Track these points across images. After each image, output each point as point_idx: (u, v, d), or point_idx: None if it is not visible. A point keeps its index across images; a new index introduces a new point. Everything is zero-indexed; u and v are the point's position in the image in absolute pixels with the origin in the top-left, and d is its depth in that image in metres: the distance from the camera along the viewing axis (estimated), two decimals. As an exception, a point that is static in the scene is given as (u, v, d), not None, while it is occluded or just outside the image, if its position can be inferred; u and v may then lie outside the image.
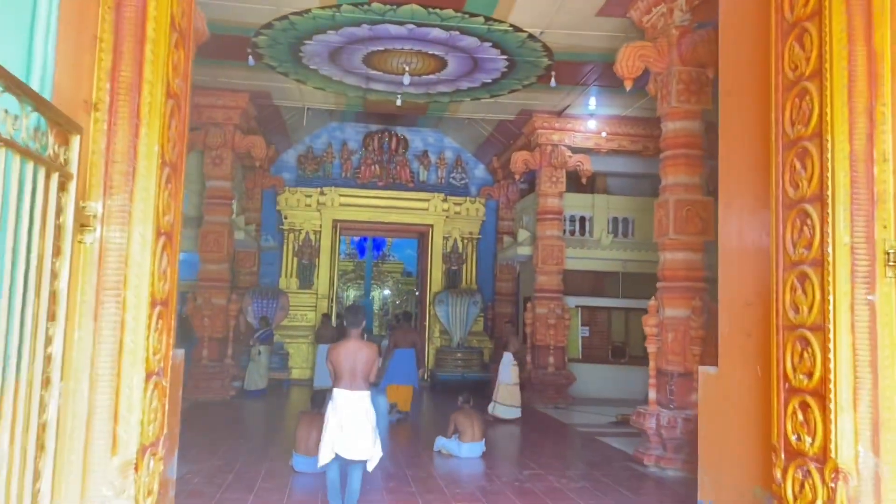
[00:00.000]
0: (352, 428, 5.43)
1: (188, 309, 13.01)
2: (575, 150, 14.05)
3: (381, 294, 29.50)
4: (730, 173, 4.90)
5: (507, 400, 11.72)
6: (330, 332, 15.34)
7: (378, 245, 29.34)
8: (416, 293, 26.25)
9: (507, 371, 11.80)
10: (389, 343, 12.08)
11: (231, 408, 12.44)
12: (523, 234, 15.66)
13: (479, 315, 16.88)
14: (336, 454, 5.48)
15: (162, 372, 3.34)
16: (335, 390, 5.58)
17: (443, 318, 16.51)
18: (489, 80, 11.87)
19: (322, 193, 16.95)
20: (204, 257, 13.14)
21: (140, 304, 3.07)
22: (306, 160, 17.57)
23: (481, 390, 15.46)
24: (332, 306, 16.97)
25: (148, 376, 3.15)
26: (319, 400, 7.62)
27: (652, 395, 8.36)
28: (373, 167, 17.63)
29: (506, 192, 17.52)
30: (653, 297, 8.52)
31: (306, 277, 16.93)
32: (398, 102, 12.72)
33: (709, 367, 5.13)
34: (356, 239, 29.17)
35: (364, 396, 5.57)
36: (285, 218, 17.03)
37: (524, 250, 15.35)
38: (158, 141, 3.14)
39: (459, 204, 17.44)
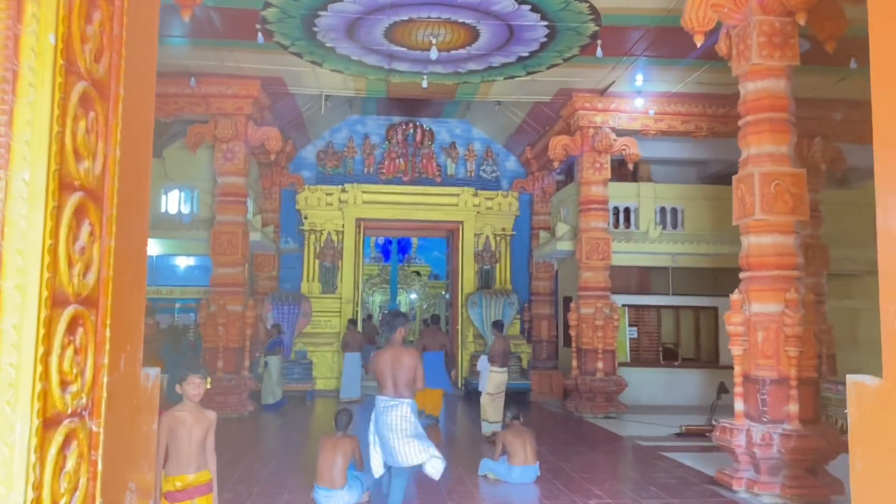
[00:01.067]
0: (392, 435, 5.42)
1: (201, 317, 11.90)
2: (619, 134, 12.70)
3: (408, 298, 28.56)
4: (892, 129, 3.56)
5: (487, 414, 9.95)
6: (357, 338, 14.23)
7: (403, 248, 28.36)
8: (446, 295, 25.39)
9: (484, 379, 10.12)
10: (417, 346, 11.48)
11: (248, 425, 11.27)
12: (563, 228, 14.36)
13: (516, 317, 15.60)
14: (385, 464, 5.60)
15: (88, 412, 2.06)
16: (377, 398, 5.61)
17: (476, 321, 15.25)
18: (526, 54, 10.59)
19: (344, 191, 15.81)
20: (217, 260, 12.02)
21: (27, 301, 1.80)
22: (326, 156, 16.43)
23: (520, 400, 14.22)
24: (357, 311, 15.78)
25: (49, 422, 1.87)
26: (344, 421, 6.39)
27: (739, 406, 7.00)
28: (397, 161, 16.44)
29: (541, 183, 16.23)
30: (736, 291, 7.17)
31: (329, 281, 15.79)
32: (424, 84, 11.49)
33: (865, 377, 3.79)
34: (380, 242, 28.33)
35: (404, 403, 5.48)
36: (305, 218, 15.91)
37: (564, 245, 14.05)
38: (57, 30, 1.87)
39: (491, 198, 16.17)
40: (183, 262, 14.65)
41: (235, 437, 10.00)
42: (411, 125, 16.57)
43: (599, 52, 10.00)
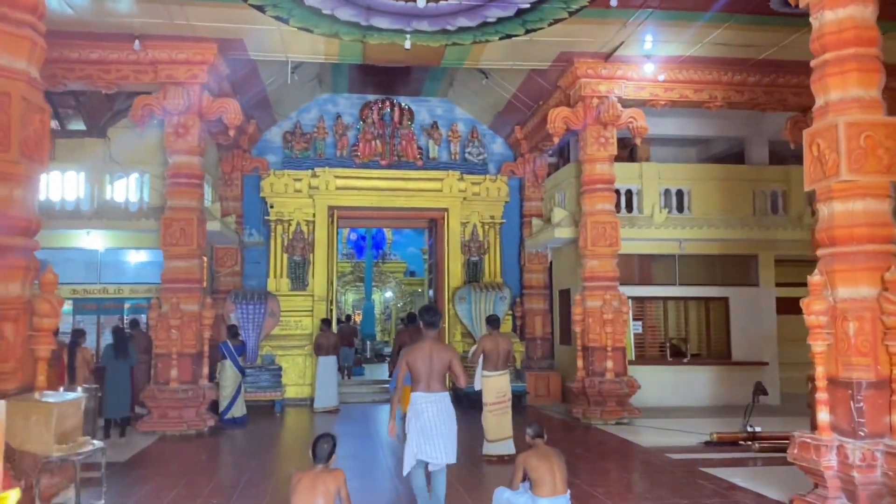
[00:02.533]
0: (434, 431, 5.33)
1: (151, 318, 10.15)
2: (625, 105, 11.24)
3: (383, 297, 27.04)
4: None
5: (487, 431, 8.11)
6: (332, 340, 12.63)
7: (377, 244, 26.77)
8: (430, 292, 23.59)
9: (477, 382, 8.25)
10: (395, 345, 11.94)
11: (205, 445, 9.56)
12: (560, 214, 12.88)
13: (508, 313, 14.09)
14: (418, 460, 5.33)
15: None
16: (413, 394, 5.44)
17: (465, 319, 13.71)
18: (527, 5, 9.04)
19: (314, 176, 14.13)
20: (168, 252, 10.29)
21: None
22: (294, 138, 14.72)
23: (515, 404, 12.66)
24: (332, 310, 14.11)
25: None
26: (326, 451, 4.72)
27: (823, 416, 5.52)
28: (373, 143, 14.80)
29: (532, 166, 14.73)
30: (815, 272, 5.68)
31: (299, 277, 14.10)
32: (407, 45, 9.90)
33: None
34: (353, 238, 26.68)
35: (444, 398, 5.45)
36: (271, 207, 14.19)
37: (563, 233, 12.58)
38: None
39: (478, 183, 14.63)
40: (133, 256, 12.81)
41: (190, 463, 8.26)
42: (388, 103, 14.94)
43: (614, 0, 8.52)
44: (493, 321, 8.43)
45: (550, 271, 14.76)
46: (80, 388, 8.41)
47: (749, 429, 9.02)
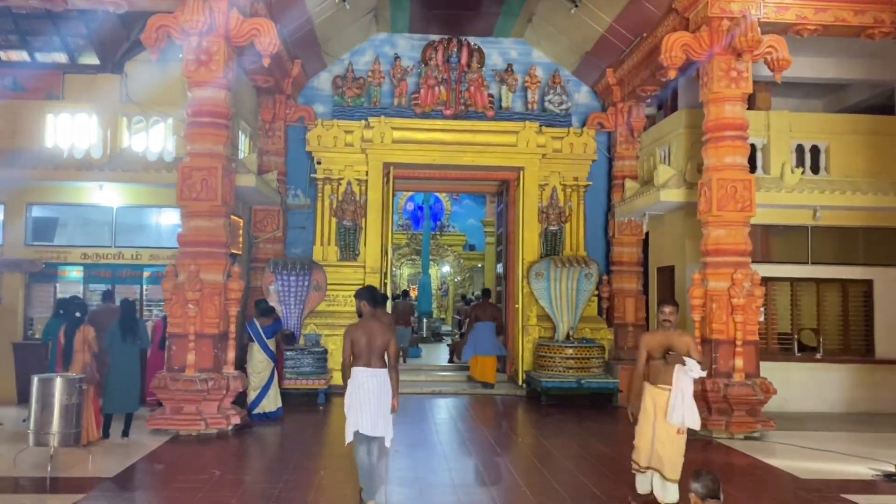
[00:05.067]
0: (370, 404, 5.34)
1: (165, 289, 8.16)
2: (762, 30, 8.62)
3: (440, 271, 25.08)
4: None
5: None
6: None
7: (435, 214, 24.93)
8: (488, 267, 21.70)
9: (687, 381, 5.51)
10: (471, 318, 12.25)
11: (226, 449, 7.56)
12: (666, 173, 10.43)
13: (595, 293, 11.88)
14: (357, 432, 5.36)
15: None
16: (354, 369, 5.43)
17: (543, 299, 11.52)
18: None
19: (368, 127, 12.01)
20: (186, 208, 8.32)
21: None
22: (345, 83, 12.55)
23: (601, 404, 10.54)
24: (385, 283, 12.04)
25: None
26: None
27: None
28: (436, 90, 12.52)
29: (626, 118, 12.26)
30: None
31: (350, 245, 12.10)
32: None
33: None
34: (409, 209, 25.10)
35: (384, 374, 5.44)
36: (318, 163, 12.15)
37: (670, 196, 10.18)
38: None
39: (560, 137, 12.27)
40: (154, 216, 10.94)
41: (201, 478, 6.15)
42: (455, 44, 12.60)
43: None
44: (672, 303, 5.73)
45: (646, 245, 12.30)
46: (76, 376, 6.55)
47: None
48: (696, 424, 5.45)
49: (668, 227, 11.34)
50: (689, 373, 5.39)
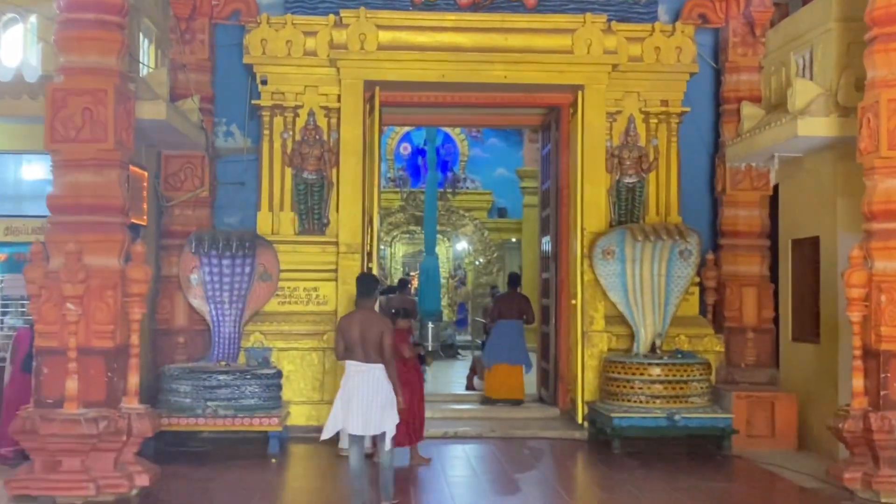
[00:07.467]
0: (357, 401, 7.37)
1: (30, 280, 8.54)
2: None
3: (453, 249, 26.89)
4: None
5: None
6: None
7: (445, 163, 26.37)
8: (529, 240, 22.20)
9: None
10: (493, 313, 14.33)
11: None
12: (808, 91, 10.76)
13: (694, 281, 12.33)
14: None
15: None
16: (346, 363, 7.59)
17: (615, 291, 12.03)
18: None
19: (341, 25, 12.36)
20: (60, 154, 8.66)
21: None
22: (303, -41, 12.94)
23: (708, 452, 11.06)
24: (370, 268, 12.49)
25: None
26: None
27: None
28: (446, -33, 12.99)
29: (742, 6, 12.36)
30: None
31: (314, 211, 12.67)
32: None
33: None
34: (404, 152, 26.07)
35: (378, 368, 7.46)
36: (264, 83, 12.59)
37: (814, 127, 10.43)
38: None
39: (640, 38, 12.59)
40: (9, 167, 11.54)
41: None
42: None
43: None
44: None
45: (774, 205, 12.50)
46: None
47: None
48: None
49: (810, 178, 11.59)
50: None
